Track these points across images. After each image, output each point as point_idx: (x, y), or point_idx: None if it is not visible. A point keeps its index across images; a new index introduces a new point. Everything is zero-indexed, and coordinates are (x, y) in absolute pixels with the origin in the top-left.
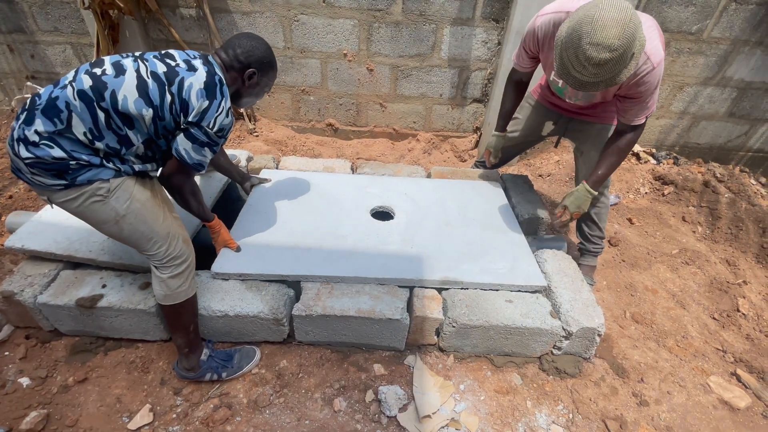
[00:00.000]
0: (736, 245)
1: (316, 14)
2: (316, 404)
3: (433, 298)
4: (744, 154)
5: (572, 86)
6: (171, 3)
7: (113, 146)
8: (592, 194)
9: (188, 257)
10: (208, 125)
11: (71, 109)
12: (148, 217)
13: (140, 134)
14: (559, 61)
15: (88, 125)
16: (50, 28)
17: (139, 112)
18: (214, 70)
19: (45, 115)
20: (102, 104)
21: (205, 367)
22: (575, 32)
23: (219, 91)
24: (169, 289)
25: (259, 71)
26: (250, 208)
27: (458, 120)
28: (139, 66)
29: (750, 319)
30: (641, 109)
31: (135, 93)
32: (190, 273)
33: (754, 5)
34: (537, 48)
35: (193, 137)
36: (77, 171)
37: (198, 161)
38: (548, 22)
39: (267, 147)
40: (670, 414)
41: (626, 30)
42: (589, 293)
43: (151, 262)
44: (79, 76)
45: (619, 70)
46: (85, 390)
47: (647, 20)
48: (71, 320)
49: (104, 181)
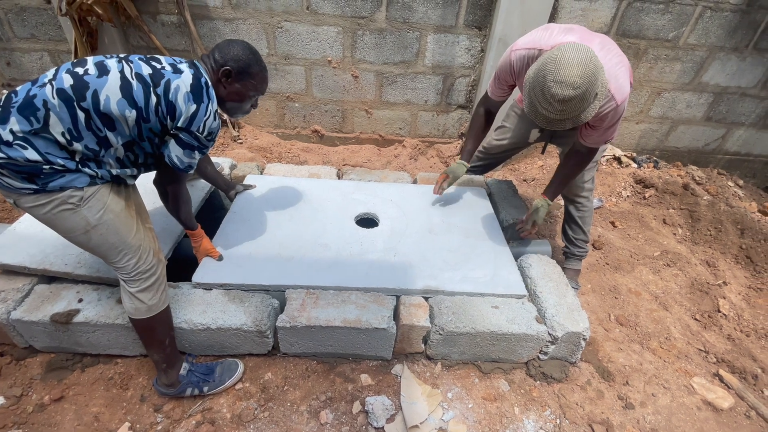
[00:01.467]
0: (716, 246)
1: (300, 21)
2: (302, 417)
3: (420, 305)
4: (721, 157)
5: (540, 124)
6: (151, 9)
7: (92, 147)
8: (548, 203)
9: (156, 270)
10: (197, 129)
11: (49, 107)
12: (121, 229)
13: (121, 136)
14: (527, 100)
15: (67, 125)
16: (27, 35)
17: (122, 114)
18: (200, 73)
19: (21, 114)
20: (83, 104)
21: (185, 382)
22: (540, 72)
23: (205, 94)
24: (140, 302)
25: (235, 70)
26: (234, 216)
27: (443, 126)
28: (123, 67)
29: (731, 319)
30: (600, 136)
31: (118, 94)
32: (159, 286)
33: (728, 12)
34: (513, 78)
35: (183, 143)
36: (50, 176)
37: (188, 164)
38: (523, 57)
39: (251, 154)
40: (656, 416)
41: (587, 69)
42: (574, 297)
43: (118, 275)
44: (60, 75)
45: (583, 108)
46: (62, 408)
47: (615, 57)
48: (46, 336)
49: (78, 189)
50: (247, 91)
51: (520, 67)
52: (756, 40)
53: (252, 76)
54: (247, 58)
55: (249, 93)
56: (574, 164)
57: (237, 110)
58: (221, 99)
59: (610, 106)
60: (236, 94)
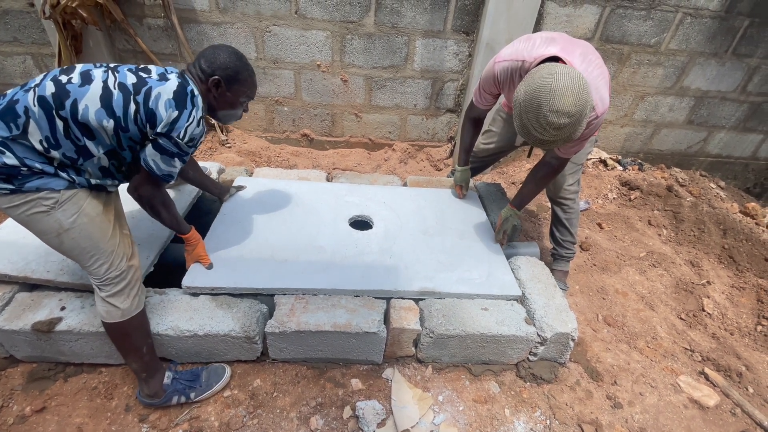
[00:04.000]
0: (699, 247)
1: (289, 26)
2: (292, 424)
3: (410, 309)
4: (704, 160)
5: (533, 144)
6: (137, 13)
7: (70, 156)
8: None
9: (126, 275)
10: (178, 135)
11: (29, 115)
12: (94, 233)
13: (102, 146)
14: (519, 122)
15: (45, 133)
16: (9, 38)
17: (99, 123)
18: (187, 82)
19: (1, 119)
20: (61, 113)
21: (170, 391)
22: (534, 99)
23: (190, 101)
24: (111, 306)
25: (225, 79)
26: (224, 218)
27: (433, 130)
28: (108, 77)
29: (715, 318)
30: (574, 147)
31: (98, 103)
32: (131, 290)
33: (708, 19)
34: (498, 89)
35: (162, 148)
36: (27, 177)
37: (167, 172)
38: (506, 68)
39: (240, 158)
40: (643, 415)
41: (580, 98)
42: (562, 298)
43: (90, 279)
44: (45, 82)
45: (575, 130)
46: (44, 420)
47: (596, 69)
48: (28, 346)
49: (54, 192)
50: (238, 98)
51: (504, 78)
52: (734, 45)
53: (242, 83)
54: (234, 65)
55: (240, 99)
56: (542, 176)
57: (230, 117)
58: (213, 108)
59: (590, 117)
60: (227, 102)
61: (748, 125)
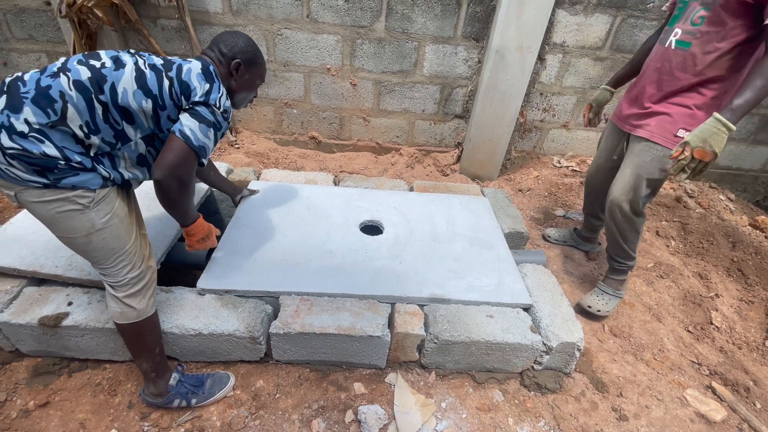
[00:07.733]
0: (708, 259)
1: (300, 29)
2: (294, 426)
3: (415, 313)
4: (713, 171)
5: None
6: (152, 14)
7: (108, 141)
8: (725, 125)
9: (145, 275)
10: (215, 104)
11: (66, 99)
12: (123, 234)
13: (140, 130)
14: None
15: (85, 118)
16: (25, 36)
17: (139, 105)
18: (208, 62)
19: (37, 105)
20: (101, 97)
21: (173, 393)
22: None
23: (215, 77)
24: (127, 307)
25: (244, 62)
26: (238, 222)
27: (440, 135)
28: (137, 60)
29: (723, 331)
30: None
31: (134, 85)
32: (147, 291)
33: None
34: None
35: (200, 116)
36: (64, 172)
37: (203, 143)
38: None
39: (248, 159)
40: (649, 428)
41: None
42: (568, 307)
43: (105, 280)
44: (73, 66)
45: None
46: (47, 415)
47: None
48: (34, 340)
49: (90, 191)
50: (255, 80)
51: None
52: None
53: (259, 66)
54: (252, 48)
55: (256, 82)
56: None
57: (244, 100)
58: (231, 91)
59: None
60: (246, 85)
61: (759, 138)
